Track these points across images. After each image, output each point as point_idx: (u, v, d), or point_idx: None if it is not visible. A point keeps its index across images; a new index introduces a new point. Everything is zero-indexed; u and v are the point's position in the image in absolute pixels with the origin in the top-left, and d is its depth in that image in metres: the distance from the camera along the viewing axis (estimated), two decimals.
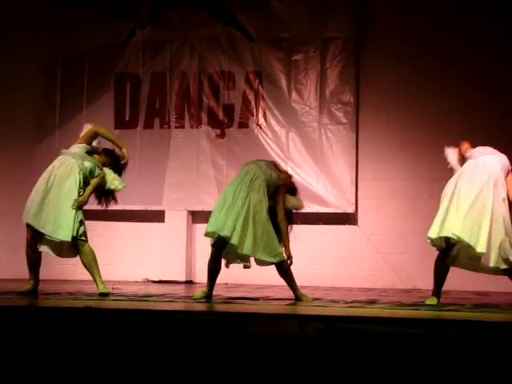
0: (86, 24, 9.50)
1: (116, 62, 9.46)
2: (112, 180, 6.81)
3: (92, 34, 9.49)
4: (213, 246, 6.39)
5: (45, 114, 9.56)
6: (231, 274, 8.84)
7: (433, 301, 6.14)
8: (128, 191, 9.14)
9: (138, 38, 9.43)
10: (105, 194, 6.85)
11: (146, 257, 9.22)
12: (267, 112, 9.01)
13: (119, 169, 6.88)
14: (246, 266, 6.46)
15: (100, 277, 6.63)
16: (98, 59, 9.48)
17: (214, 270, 6.46)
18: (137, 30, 9.43)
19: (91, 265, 6.60)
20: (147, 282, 9.09)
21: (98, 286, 6.60)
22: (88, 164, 6.65)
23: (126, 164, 6.86)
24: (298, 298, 6.40)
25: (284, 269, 6.38)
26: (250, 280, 8.61)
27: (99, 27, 9.47)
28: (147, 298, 6.35)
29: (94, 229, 9.03)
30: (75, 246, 6.60)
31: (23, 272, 6.92)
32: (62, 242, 6.57)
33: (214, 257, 6.39)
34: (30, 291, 6.64)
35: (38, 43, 9.59)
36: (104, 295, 6.47)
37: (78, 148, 6.72)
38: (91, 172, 6.67)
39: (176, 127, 9.27)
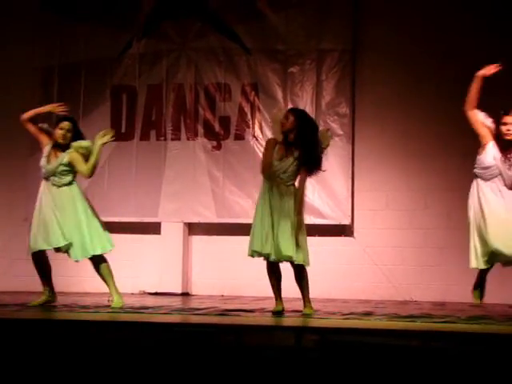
0: (82, 36, 9.50)
1: (112, 74, 9.47)
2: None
3: (88, 46, 9.49)
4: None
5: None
6: (227, 286, 8.90)
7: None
8: (124, 203, 9.28)
9: (135, 50, 9.43)
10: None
11: (142, 269, 9.20)
12: (263, 124, 9.00)
13: None
14: None
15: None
16: (94, 71, 9.48)
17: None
18: (133, 42, 9.44)
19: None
20: (143, 294, 9.07)
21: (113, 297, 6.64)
22: None
23: None
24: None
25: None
26: (247, 292, 8.61)
27: (95, 39, 9.47)
28: (143, 310, 6.34)
29: None
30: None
31: (20, 284, 6.88)
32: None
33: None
34: (45, 302, 6.60)
35: (35, 55, 9.59)
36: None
37: None
38: None
39: (172, 139, 9.27)
